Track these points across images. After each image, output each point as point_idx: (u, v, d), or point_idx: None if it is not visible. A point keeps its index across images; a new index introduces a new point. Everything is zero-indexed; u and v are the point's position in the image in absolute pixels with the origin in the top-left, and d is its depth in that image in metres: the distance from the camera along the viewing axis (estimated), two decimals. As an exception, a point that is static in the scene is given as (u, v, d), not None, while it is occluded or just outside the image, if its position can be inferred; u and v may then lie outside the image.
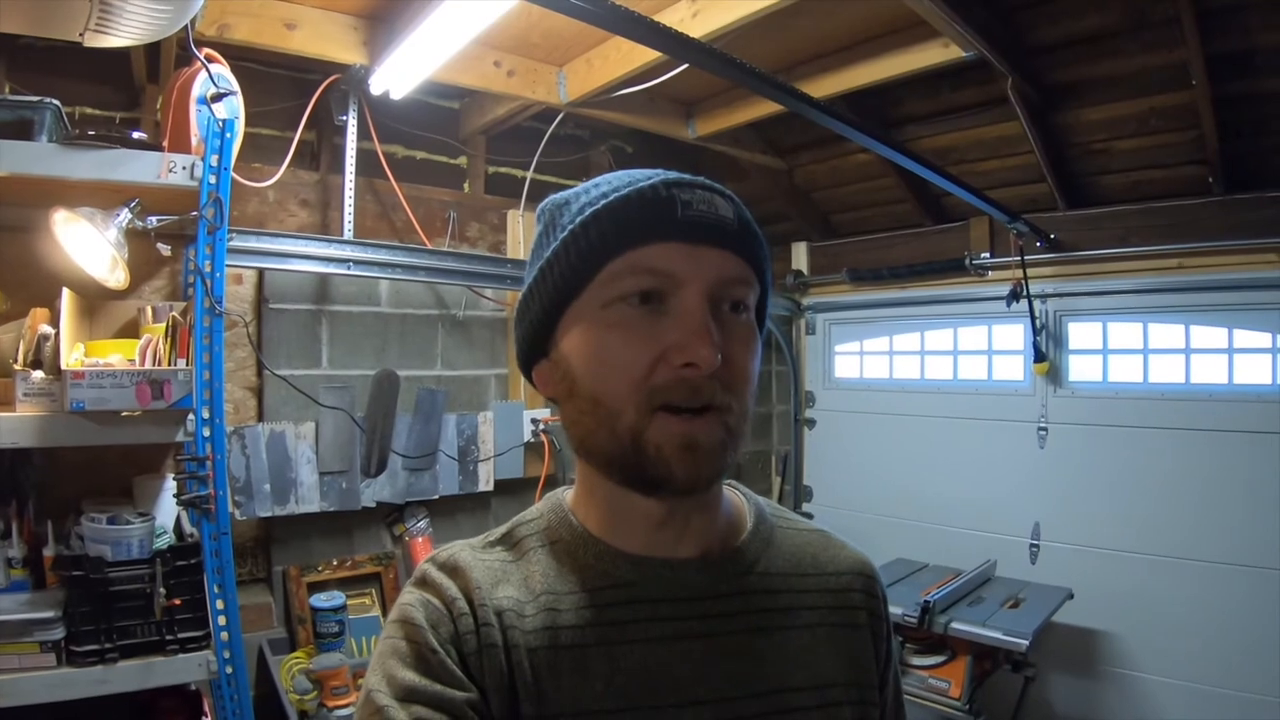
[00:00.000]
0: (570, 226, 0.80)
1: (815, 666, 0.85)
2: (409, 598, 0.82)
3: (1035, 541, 3.73)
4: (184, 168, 2.18)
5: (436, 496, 3.38)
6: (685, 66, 2.76)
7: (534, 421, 3.71)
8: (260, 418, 2.97)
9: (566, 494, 0.91)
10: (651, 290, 0.77)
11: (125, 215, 2.21)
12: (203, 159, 2.20)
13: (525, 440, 3.68)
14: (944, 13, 2.45)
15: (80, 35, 1.77)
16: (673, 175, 0.81)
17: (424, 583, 0.83)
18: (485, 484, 3.54)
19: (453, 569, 0.83)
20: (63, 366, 2.03)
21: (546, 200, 0.88)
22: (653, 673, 0.79)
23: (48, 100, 2.08)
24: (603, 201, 0.80)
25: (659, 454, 0.75)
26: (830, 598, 0.91)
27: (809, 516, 3.91)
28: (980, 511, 3.91)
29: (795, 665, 0.84)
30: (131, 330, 2.49)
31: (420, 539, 3.29)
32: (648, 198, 0.78)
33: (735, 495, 0.95)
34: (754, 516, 0.93)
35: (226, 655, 2.19)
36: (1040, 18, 2.87)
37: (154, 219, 2.34)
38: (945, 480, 4.05)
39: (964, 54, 2.72)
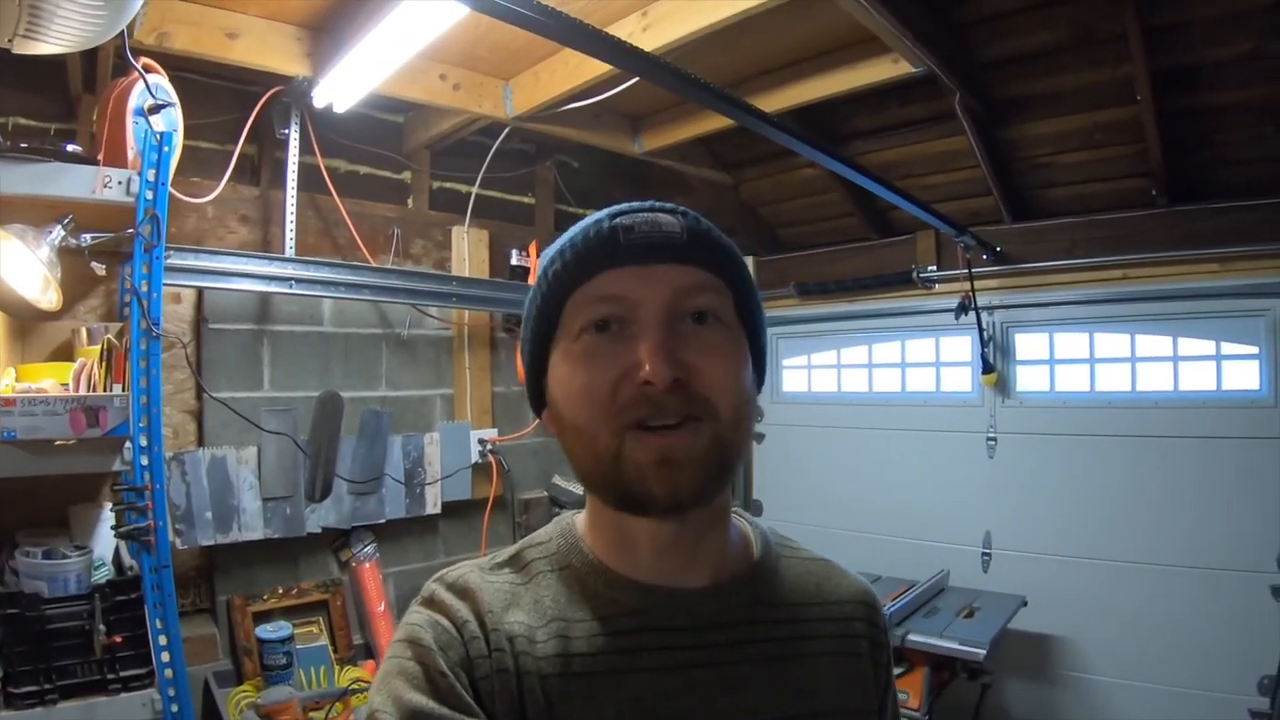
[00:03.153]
0: (539, 278, 0.86)
1: (820, 695, 0.86)
2: (417, 618, 0.80)
3: (987, 550, 3.77)
4: (120, 183, 2.10)
5: (383, 520, 3.29)
6: (634, 81, 2.74)
7: (481, 442, 3.65)
8: (200, 442, 2.86)
9: (577, 519, 0.91)
10: (610, 316, 0.79)
11: (58, 233, 2.12)
12: (139, 173, 2.13)
13: (473, 461, 3.61)
14: (895, 29, 2.46)
15: (9, 41, 1.68)
16: (619, 208, 0.83)
17: (433, 603, 0.82)
18: (433, 507, 3.46)
19: (463, 590, 0.82)
20: (-8, 393, 1.92)
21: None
22: (662, 701, 0.78)
23: (-25, 111, 1.99)
24: (559, 247, 0.84)
25: (637, 471, 0.75)
26: (834, 626, 0.91)
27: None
28: (932, 522, 3.95)
29: (802, 693, 0.84)
30: (65, 353, 2.39)
31: (368, 564, 3.20)
32: (592, 234, 0.81)
33: (742, 523, 0.95)
34: (760, 545, 0.93)
35: (171, 694, 2.09)
36: (990, 34, 2.91)
37: (88, 236, 2.24)
38: (896, 491, 4.07)
39: (914, 69, 2.74)
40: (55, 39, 1.70)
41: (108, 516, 2.32)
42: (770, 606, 0.88)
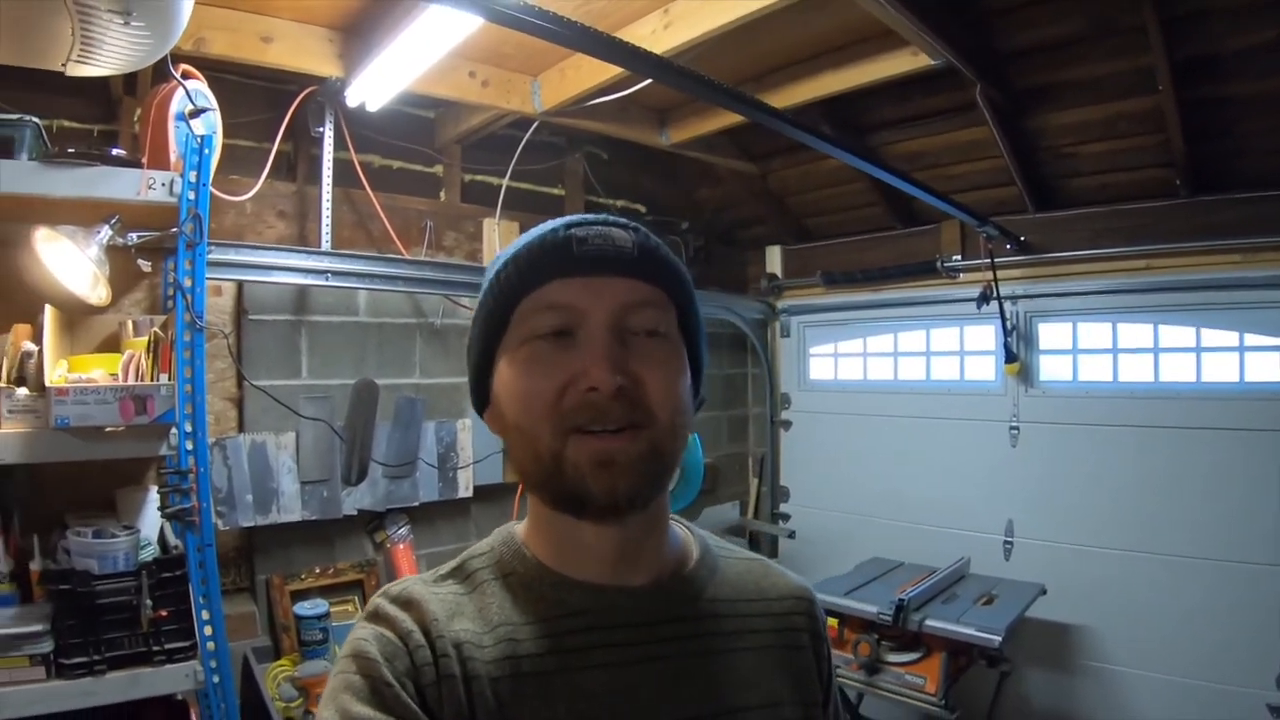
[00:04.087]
0: (489, 278, 0.89)
1: (765, 686, 0.89)
2: (362, 632, 0.82)
3: (1008, 539, 3.80)
4: (163, 184, 2.19)
5: (417, 503, 3.39)
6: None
7: (513, 428, 3.73)
8: (241, 428, 2.98)
9: (517, 527, 0.95)
10: (558, 324, 0.82)
11: (106, 233, 2.23)
12: (181, 175, 2.22)
13: (503, 447, 3.68)
14: (912, 23, 2.49)
15: (62, 65, 1.79)
16: (575, 218, 0.87)
17: (377, 616, 0.84)
18: (465, 490, 3.56)
19: (406, 602, 0.84)
20: (47, 383, 2.04)
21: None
22: (612, 696, 0.81)
23: (28, 118, 2.09)
24: (513, 252, 0.88)
25: (576, 471, 0.79)
26: (774, 621, 0.95)
27: (786, 517, 3.98)
28: (953, 510, 3.99)
29: (747, 685, 0.88)
30: (112, 344, 2.50)
31: (401, 545, 3.31)
32: (547, 242, 0.85)
33: (681, 529, 0.99)
34: (699, 547, 0.97)
35: (213, 665, 2.21)
36: (1009, 25, 2.93)
37: (134, 235, 2.36)
38: (919, 479, 4.12)
39: (933, 62, 2.77)
40: (105, 63, 1.80)
41: (153, 498, 2.44)
42: (712, 603, 0.91)
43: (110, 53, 1.76)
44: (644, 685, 0.83)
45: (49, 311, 2.23)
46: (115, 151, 2.28)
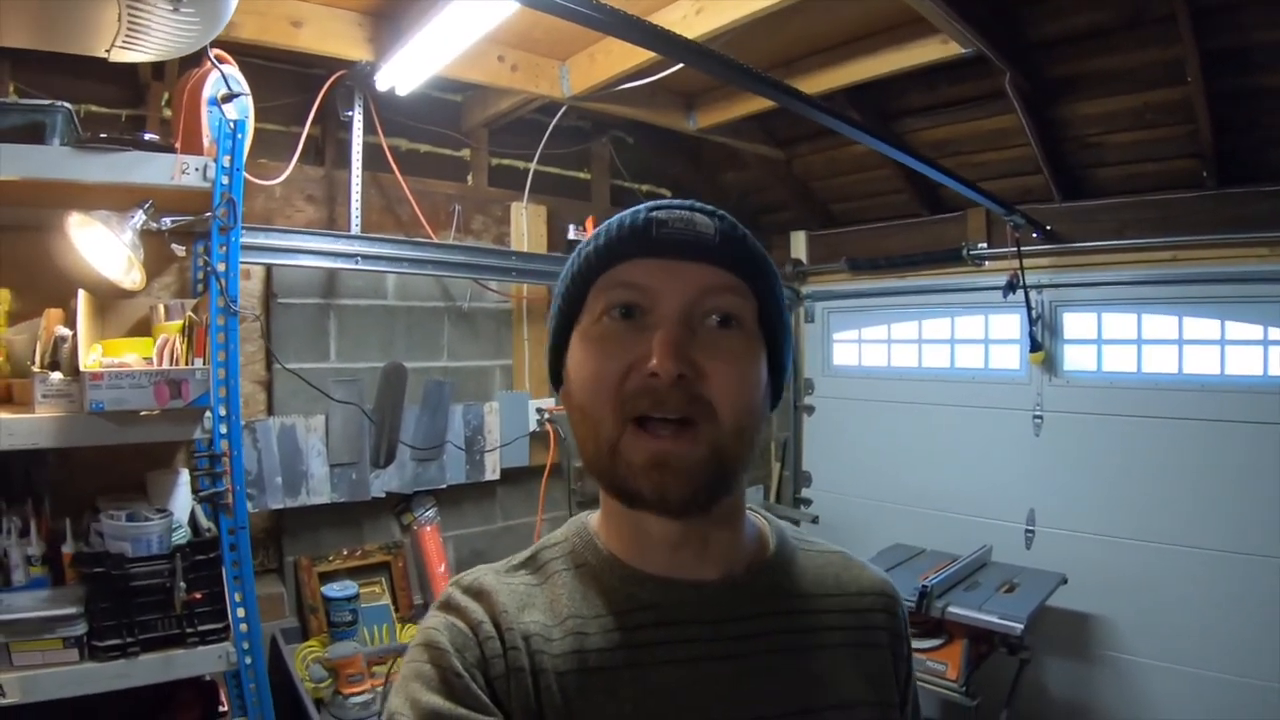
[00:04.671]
0: (572, 258, 0.89)
1: (839, 686, 0.87)
2: (434, 621, 0.83)
3: (1030, 527, 3.80)
4: (196, 169, 2.20)
5: (444, 486, 3.42)
6: (686, 63, 2.79)
7: (539, 411, 3.76)
8: (270, 411, 3.01)
9: (591, 518, 0.94)
10: (631, 304, 0.81)
11: (140, 217, 2.24)
12: (215, 160, 2.22)
13: (530, 430, 3.73)
14: (943, 10, 2.48)
15: (106, 52, 1.80)
16: (659, 202, 0.86)
17: (449, 606, 0.84)
18: (492, 473, 3.59)
19: (478, 593, 0.85)
20: (81, 367, 2.05)
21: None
22: (680, 694, 0.80)
23: (59, 103, 2.09)
24: (595, 233, 0.87)
25: (629, 469, 0.78)
26: (853, 618, 0.92)
27: (808, 502, 3.99)
28: (976, 498, 3.99)
29: (821, 685, 0.85)
30: (143, 328, 2.51)
31: (428, 528, 3.34)
32: (627, 224, 0.84)
33: (758, 518, 0.97)
34: (776, 539, 0.95)
35: (245, 646, 2.24)
36: (1039, 14, 2.90)
37: (168, 220, 2.37)
38: (942, 467, 4.12)
39: (963, 50, 2.75)
40: (151, 49, 1.81)
41: (184, 481, 2.47)
42: (787, 598, 0.89)
43: (157, 39, 1.78)
44: (713, 683, 0.81)
45: (82, 296, 2.24)
46: (148, 137, 2.29)
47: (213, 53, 2.24)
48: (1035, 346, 3.70)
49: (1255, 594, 3.19)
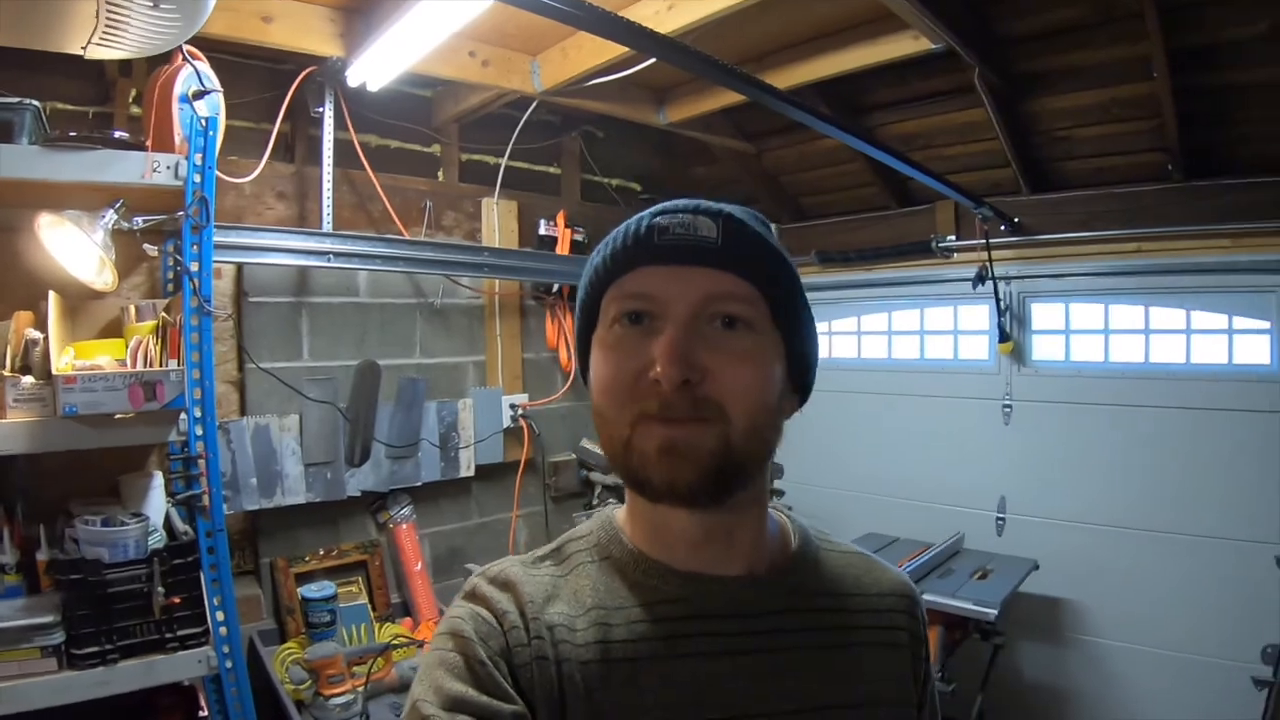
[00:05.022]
0: (586, 267, 0.90)
1: (860, 684, 0.88)
2: (459, 610, 0.84)
3: (1001, 515, 3.85)
4: (168, 167, 2.17)
5: (419, 483, 3.42)
6: (657, 58, 2.79)
7: (513, 407, 3.76)
8: (243, 411, 2.98)
9: (617, 512, 0.94)
10: (639, 311, 0.82)
11: (111, 217, 2.21)
12: (187, 158, 2.19)
13: (505, 426, 3.73)
14: (914, 6, 2.49)
15: (83, 49, 1.76)
16: (663, 205, 0.86)
17: (474, 596, 0.85)
18: (466, 469, 3.58)
19: (504, 583, 0.86)
20: (53, 371, 2.01)
21: None
22: (703, 687, 0.81)
23: (27, 101, 2.06)
24: (604, 242, 0.88)
25: (642, 459, 0.79)
26: (873, 618, 0.93)
27: (780, 494, 4.01)
28: (947, 486, 4.03)
29: (840, 683, 0.86)
30: (115, 329, 2.48)
31: (404, 525, 3.32)
32: (631, 232, 0.85)
33: (781, 517, 0.98)
34: (799, 538, 0.96)
35: (226, 650, 2.22)
36: (1008, 10, 2.92)
37: (139, 219, 2.33)
38: (913, 456, 4.16)
39: (933, 46, 2.76)
40: (128, 46, 1.78)
41: (157, 484, 2.44)
42: (810, 596, 0.90)
43: (135, 36, 1.74)
44: (734, 677, 0.82)
45: (53, 298, 2.21)
46: (118, 134, 2.25)
47: (185, 48, 2.20)
48: (1004, 337, 3.75)
49: (1219, 574, 3.26)
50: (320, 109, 3.01)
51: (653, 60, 2.86)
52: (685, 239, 0.82)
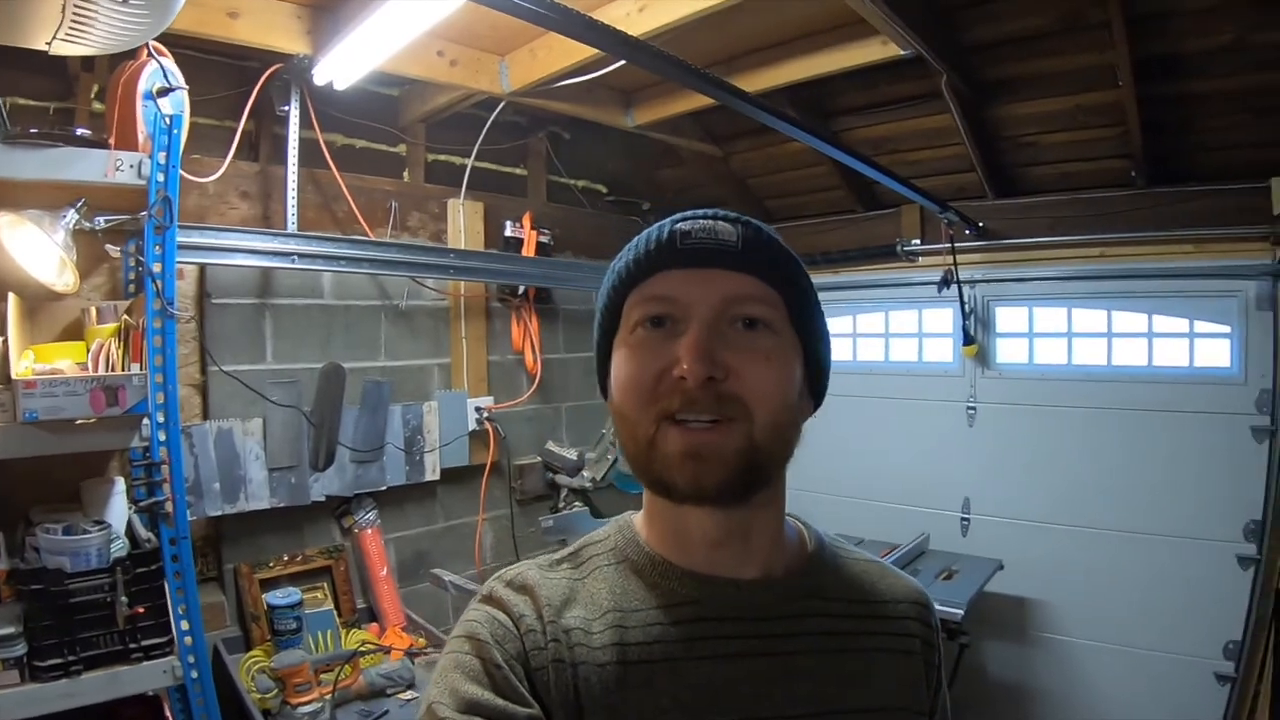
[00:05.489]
0: (608, 274, 0.92)
1: (872, 690, 0.88)
2: (475, 614, 0.85)
3: (966, 515, 3.90)
4: (131, 166, 2.11)
5: (384, 487, 3.37)
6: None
7: (478, 410, 3.72)
8: (206, 415, 2.91)
9: (635, 516, 0.95)
10: (661, 315, 0.83)
11: (72, 216, 2.16)
12: (150, 156, 2.14)
13: (470, 429, 3.69)
14: (883, 12, 2.50)
15: (47, 44, 1.71)
16: (684, 213, 0.88)
17: (491, 599, 0.86)
18: (432, 473, 3.54)
19: (521, 587, 0.87)
20: (13, 375, 1.96)
21: None
22: (718, 689, 0.82)
23: (-13, 98, 2.01)
24: (627, 248, 0.91)
25: (666, 461, 0.80)
26: (887, 625, 0.94)
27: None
28: (912, 487, 4.08)
29: (854, 688, 0.87)
30: (75, 332, 2.41)
31: (369, 530, 3.27)
32: (654, 238, 0.87)
33: (798, 524, 0.99)
34: (814, 543, 0.97)
35: (191, 660, 2.18)
36: (977, 18, 2.94)
37: (101, 219, 2.28)
38: (878, 458, 4.20)
39: (902, 52, 2.78)
40: (95, 42, 1.73)
41: (119, 490, 2.38)
42: (825, 601, 0.91)
43: (102, 32, 1.69)
44: (749, 680, 0.83)
45: (12, 300, 2.15)
46: (80, 132, 2.18)
47: (150, 44, 2.15)
48: (968, 340, 3.79)
49: (1181, 574, 3.34)
50: (286, 107, 2.96)
51: (622, 62, 2.85)
52: (706, 243, 0.84)
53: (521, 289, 3.92)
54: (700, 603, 0.85)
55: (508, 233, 3.83)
